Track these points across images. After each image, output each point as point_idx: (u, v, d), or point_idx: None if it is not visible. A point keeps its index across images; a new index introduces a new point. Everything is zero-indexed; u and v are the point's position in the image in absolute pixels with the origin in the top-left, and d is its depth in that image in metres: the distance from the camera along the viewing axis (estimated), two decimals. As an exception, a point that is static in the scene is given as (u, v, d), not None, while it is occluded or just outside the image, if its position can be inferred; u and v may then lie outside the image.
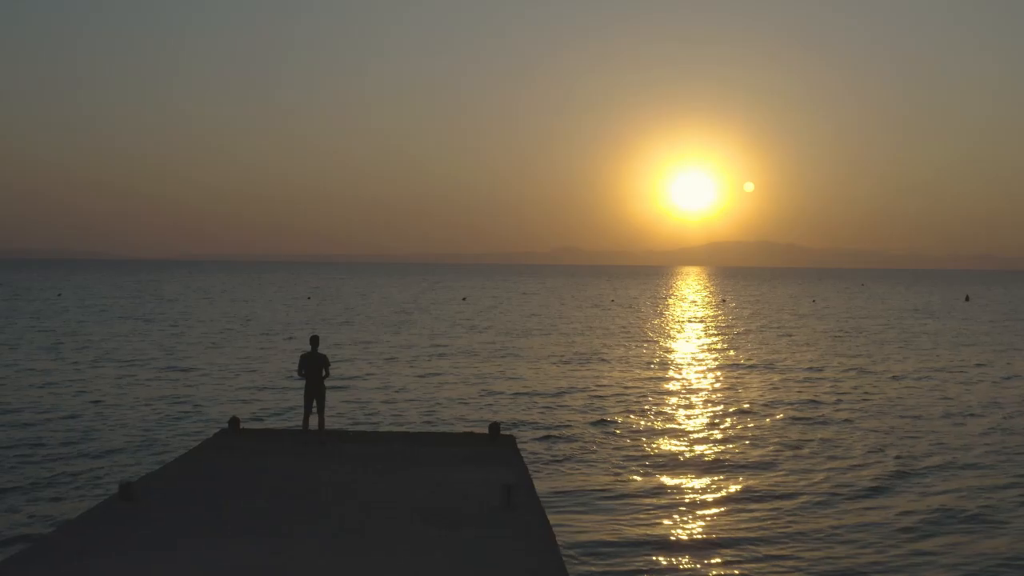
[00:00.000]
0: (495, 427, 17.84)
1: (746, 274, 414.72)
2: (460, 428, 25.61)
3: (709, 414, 28.64)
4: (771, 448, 23.29)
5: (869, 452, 23.02)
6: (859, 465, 21.52)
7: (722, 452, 22.85)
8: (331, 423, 25.27)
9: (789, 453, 22.72)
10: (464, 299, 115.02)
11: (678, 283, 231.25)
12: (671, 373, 39.49)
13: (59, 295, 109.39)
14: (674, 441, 24.36)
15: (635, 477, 20.20)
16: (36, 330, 56.85)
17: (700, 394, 33.05)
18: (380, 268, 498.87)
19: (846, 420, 27.67)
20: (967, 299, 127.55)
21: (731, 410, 29.30)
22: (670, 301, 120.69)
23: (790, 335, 60.20)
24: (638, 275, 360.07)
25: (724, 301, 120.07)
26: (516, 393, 32.40)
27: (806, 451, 23.01)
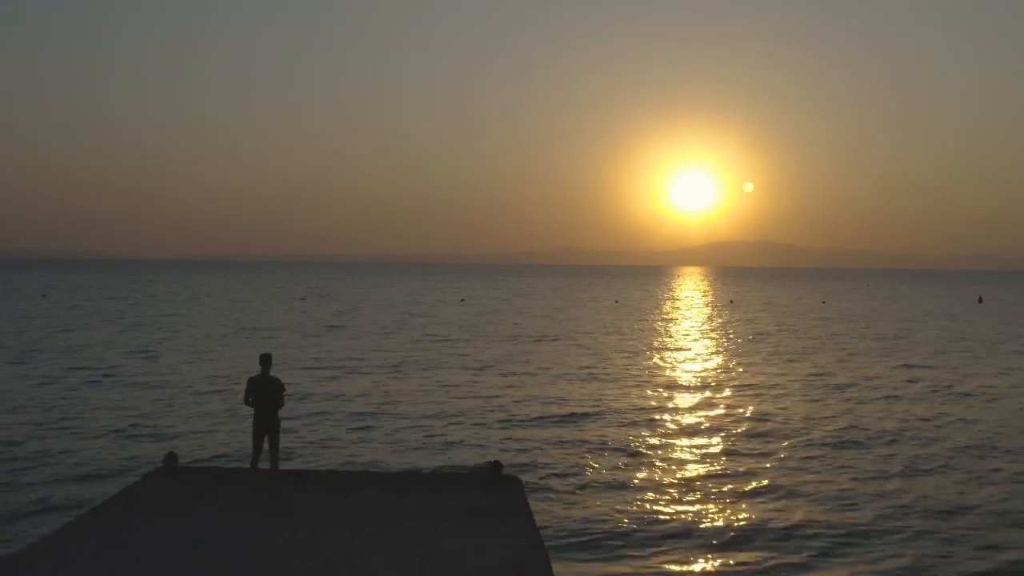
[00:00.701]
0: (496, 467, 13.70)
1: (747, 274, 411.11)
2: (453, 465, 20.96)
3: (772, 450, 23.41)
4: (868, 511, 18.15)
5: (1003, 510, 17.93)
6: (992, 525, 16.63)
7: (807, 512, 17.74)
8: (302, 454, 20.76)
9: (889, 519, 17.67)
10: (462, 300, 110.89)
11: (681, 284, 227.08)
12: (711, 394, 33.80)
13: (44, 296, 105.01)
14: (735, 495, 19.22)
15: (689, 548, 15.41)
16: (6, 333, 52.40)
17: (759, 424, 27.29)
18: (380, 268, 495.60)
19: (954, 459, 22.29)
20: (980, 300, 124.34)
21: (808, 449, 23.77)
22: (679, 303, 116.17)
23: (827, 343, 55.41)
24: (639, 275, 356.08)
25: (731, 302, 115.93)
26: (522, 419, 27.42)
27: (907, 506, 17.99)
